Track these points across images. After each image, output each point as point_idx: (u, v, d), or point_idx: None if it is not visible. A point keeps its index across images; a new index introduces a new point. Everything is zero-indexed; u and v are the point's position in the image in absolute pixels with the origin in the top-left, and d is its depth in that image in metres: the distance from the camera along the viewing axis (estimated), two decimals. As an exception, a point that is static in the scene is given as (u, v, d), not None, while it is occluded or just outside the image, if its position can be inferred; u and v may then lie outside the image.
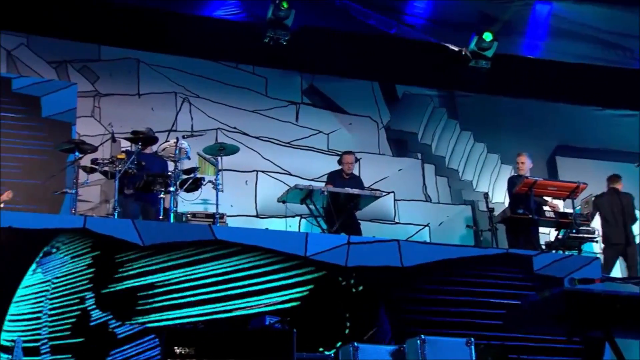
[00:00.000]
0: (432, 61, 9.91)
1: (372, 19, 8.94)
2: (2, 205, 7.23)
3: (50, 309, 5.99)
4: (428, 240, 9.68)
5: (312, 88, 10.16)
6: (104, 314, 6.09)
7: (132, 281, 6.32)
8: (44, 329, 5.93)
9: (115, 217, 7.09)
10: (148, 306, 6.31)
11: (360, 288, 6.86)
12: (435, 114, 10.57)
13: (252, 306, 6.50)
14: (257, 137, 9.74)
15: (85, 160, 7.56)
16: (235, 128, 9.67)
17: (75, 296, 6.11)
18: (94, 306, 6.10)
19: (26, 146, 8.59)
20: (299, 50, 9.36)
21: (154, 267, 6.43)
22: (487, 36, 9.42)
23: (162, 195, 7.46)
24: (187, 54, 9.51)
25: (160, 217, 7.40)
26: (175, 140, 7.57)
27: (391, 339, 6.76)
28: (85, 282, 6.17)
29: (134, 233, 6.46)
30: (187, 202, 7.92)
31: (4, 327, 5.87)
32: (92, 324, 6.06)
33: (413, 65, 10.02)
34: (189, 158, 7.80)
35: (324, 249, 6.98)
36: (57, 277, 6.10)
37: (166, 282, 6.42)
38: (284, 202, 8.36)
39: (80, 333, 6.01)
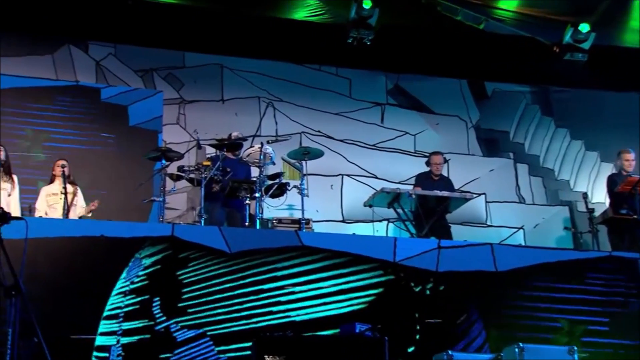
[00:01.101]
0: (524, 56, 9.66)
1: (460, 14, 8.81)
2: (90, 215, 7.54)
3: (125, 313, 6.20)
4: (523, 244, 9.46)
5: (398, 88, 10.12)
6: (169, 319, 6.25)
7: (216, 288, 6.46)
8: (119, 332, 6.14)
9: (202, 224, 7.26)
10: (236, 314, 6.44)
11: (441, 291, 6.79)
12: (528, 111, 10.35)
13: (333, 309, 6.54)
14: (341, 140, 9.77)
15: (172, 168, 7.78)
16: (319, 131, 9.72)
17: (144, 298, 6.29)
18: (160, 311, 6.27)
19: (115, 155, 8.92)
20: (383, 50, 9.31)
21: (239, 275, 6.55)
22: (584, 27, 9.10)
23: (247, 202, 7.59)
24: (269, 57, 9.64)
25: (246, 224, 7.53)
26: (260, 146, 7.68)
27: (483, 345, 6.66)
28: (157, 286, 6.34)
29: (220, 240, 6.60)
30: (273, 208, 8.02)
31: (99, 331, 6.12)
32: (157, 328, 6.23)
33: (503, 61, 9.80)
34: (273, 163, 7.90)
35: (414, 254, 6.95)
36: (134, 282, 6.30)
37: (253, 289, 6.53)
38: (370, 206, 8.35)
39: (146, 336, 6.18)
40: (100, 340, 6.09)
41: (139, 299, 6.26)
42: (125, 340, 6.12)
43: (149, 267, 6.35)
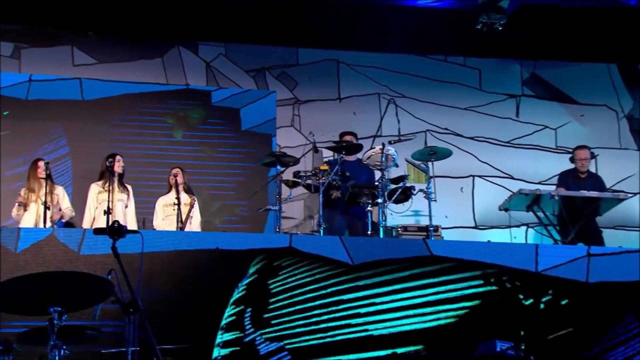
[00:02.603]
0: (687, 32, 9.22)
1: (606, -12, 8.52)
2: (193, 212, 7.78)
3: (226, 324, 6.38)
4: (691, 249, 9.05)
5: (535, 77, 9.95)
6: (254, 331, 6.38)
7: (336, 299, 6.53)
8: (220, 344, 6.33)
9: (321, 233, 7.34)
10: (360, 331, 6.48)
11: (564, 302, 6.64)
12: (693, 96, 9.95)
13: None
14: (471, 138, 9.71)
15: (287, 174, 7.92)
16: (446, 129, 9.68)
17: (240, 309, 6.45)
18: (250, 323, 6.40)
19: (228, 162, 9.20)
20: (517, 35, 9.16)
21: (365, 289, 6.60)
22: None
23: (369, 208, 7.62)
24: (389, 49, 9.66)
25: (369, 232, 7.55)
26: (381, 147, 7.68)
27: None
28: (254, 297, 6.49)
29: (342, 251, 6.66)
30: (397, 215, 8.02)
31: (216, 343, 6.35)
32: (245, 340, 6.37)
33: (661, 40, 9.40)
34: (396, 165, 7.89)
35: (559, 263, 6.84)
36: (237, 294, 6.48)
37: (375, 303, 6.56)
38: (506, 210, 8.21)
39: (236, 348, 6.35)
40: (216, 353, 6.32)
41: (236, 309, 6.44)
42: (223, 352, 6.32)
43: (251, 276, 6.51)
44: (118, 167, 7.64)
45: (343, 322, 6.49)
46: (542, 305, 6.69)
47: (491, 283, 6.69)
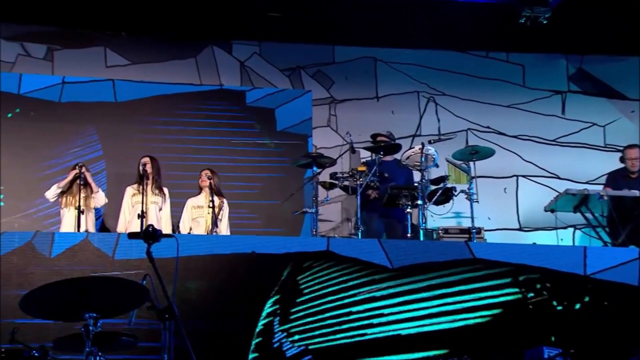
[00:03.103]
0: None
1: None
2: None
3: (260, 328, 6.41)
4: None
5: (581, 72, 9.88)
6: (282, 336, 6.40)
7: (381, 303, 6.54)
8: (252, 348, 6.38)
9: (359, 236, 7.35)
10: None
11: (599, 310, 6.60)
12: None
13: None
14: (515, 136, 9.66)
15: (324, 175, 7.94)
16: (488, 127, 9.64)
17: (272, 313, 6.49)
18: (280, 327, 6.44)
19: (263, 164, 9.25)
20: (562, 29, 9.08)
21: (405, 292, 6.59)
22: None
23: (408, 210, 7.60)
24: (428, 46, 9.64)
25: (409, 235, 7.54)
26: (421, 147, 7.67)
27: None
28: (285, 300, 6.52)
29: (381, 254, 6.67)
30: (438, 217, 7.99)
31: (251, 350, 6.39)
32: (274, 345, 6.40)
33: None
34: (437, 166, 7.88)
35: (609, 266, 6.78)
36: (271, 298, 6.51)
37: (418, 309, 6.55)
38: (552, 211, 8.14)
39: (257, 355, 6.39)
40: (252, 357, 6.37)
41: (271, 313, 6.48)
42: (253, 355, 6.36)
43: (286, 279, 6.54)
44: (147, 168, 7.71)
45: (379, 329, 6.49)
46: (577, 306, 6.63)
47: (524, 286, 6.65)
